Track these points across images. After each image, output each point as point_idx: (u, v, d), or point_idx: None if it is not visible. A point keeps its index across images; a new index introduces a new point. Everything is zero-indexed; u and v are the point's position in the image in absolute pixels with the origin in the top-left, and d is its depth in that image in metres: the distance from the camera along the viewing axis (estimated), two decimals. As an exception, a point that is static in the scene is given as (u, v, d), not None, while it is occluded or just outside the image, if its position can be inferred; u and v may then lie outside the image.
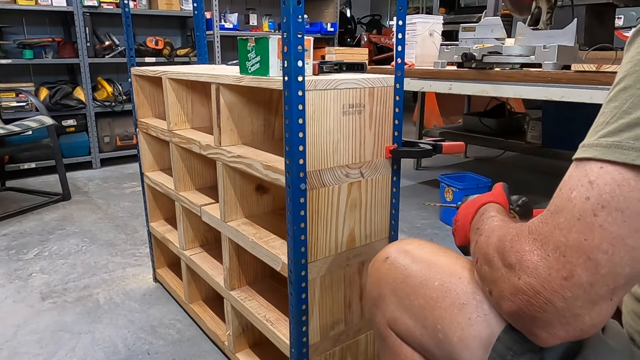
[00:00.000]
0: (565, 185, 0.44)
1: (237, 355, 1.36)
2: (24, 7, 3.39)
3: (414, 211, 2.75)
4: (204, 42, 1.87)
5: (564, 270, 0.43)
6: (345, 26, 5.66)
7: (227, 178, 1.22)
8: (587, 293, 0.43)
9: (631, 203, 0.40)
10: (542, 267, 0.44)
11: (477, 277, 0.59)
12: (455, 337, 0.62)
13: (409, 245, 0.76)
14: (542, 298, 0.45)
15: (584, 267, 0.42)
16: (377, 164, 1.09)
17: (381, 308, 0.74)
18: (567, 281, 0.43)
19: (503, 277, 0.49)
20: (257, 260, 1.31)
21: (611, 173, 0.41)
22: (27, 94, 3.37)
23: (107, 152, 3.86)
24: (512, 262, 0.47)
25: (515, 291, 0.47)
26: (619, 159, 0.41)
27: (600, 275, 0.42)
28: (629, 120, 0.41)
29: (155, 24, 4.29)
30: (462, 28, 2.25)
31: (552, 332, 0.46)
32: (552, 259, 0.43)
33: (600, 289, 0.42)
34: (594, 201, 0.41)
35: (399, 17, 1.06)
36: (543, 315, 0.45)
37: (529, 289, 0.46)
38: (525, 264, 0.46)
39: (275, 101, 1.29)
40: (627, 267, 0.41)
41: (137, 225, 2.55)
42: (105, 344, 1.52)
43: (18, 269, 2.05)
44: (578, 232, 0.42)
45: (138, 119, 1.74)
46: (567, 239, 0.42)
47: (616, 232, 0.40)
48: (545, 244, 0.44)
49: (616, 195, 0.40)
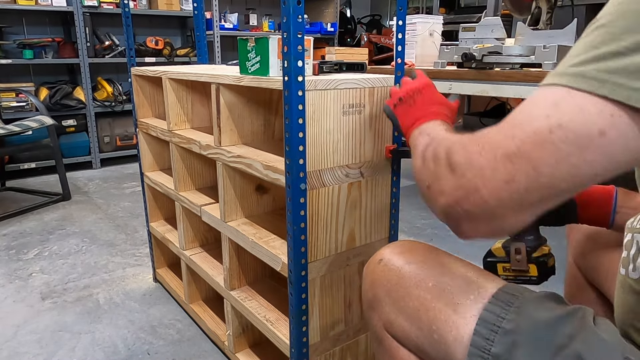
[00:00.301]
0: (528, 103, 0.47)
1: (237, 355, 1.36)
2: (24, 7, 3.39)
3: (414, 211, 2.75)
4: (204, 42, 1.87)
5: (508, 175, 0.47)
6: (345, 26, 5.65)
7: (227, 178, 1.22)
8: (520, 198, 0.47)
9: (585, 127, 0.43)
10: (488, 169, 0.48)
11: (417, 171, 0.61)
12: (450, 336, 0.63)
13: (403, 246, 0.76)
14: (479, 196, 0.49)
15: (526, 175, 0.46)
16: (377, 164, 1.09)
17: (377, 310, 0.74)
18: (507, 184, 0.47)
19: (447, 174, 0.52)
20: (257, 260, 1.31)
21: (575, 98, 0.44)
22: (27, 94, 3.37)
23: (107, 152, 3.86)
24: (460, 161, 0.51)
25: (457, 187, 0.51)
26: (585, 88, 0.44)
27: (538, 184, 0.46)
28: (596, 53, 0.44)
29: (155, 24, 4.29)
30: (462, 28, 2.25)
31: (475, 227, 0.51)
32: (500, 164, 0.47)
33: (533, 197, 0.47)
34: (553, 121, 0.45)
35: (399, 17, 1.06)
36: (474, 210, 0.50)
37: (470, 186, 0.49)
38: (473, 164, 0.49)
39: (275, 101, 1.29)
40: (564, 182, 0.46)
41: (137, 225, 2.55)
42: (105, 344, 1.52)
43: (18, 269, 2.05)
44: (531, 144, 0.45)
45: (138, 119, 1.74)
46: (519, 149, 0.46)
47: (565, 150, 0.44)
48: (496, 149, 0.48)
49: (575, 119, 0.44)
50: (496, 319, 0.60)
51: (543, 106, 0.46)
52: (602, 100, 0.43)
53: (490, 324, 0.60)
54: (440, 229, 2.49)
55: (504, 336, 0.58)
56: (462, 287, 0.65)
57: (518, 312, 0.59)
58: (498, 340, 0.59)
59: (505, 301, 0.61)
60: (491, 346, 0.59)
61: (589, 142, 0.43)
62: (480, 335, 0.60)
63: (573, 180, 0.45)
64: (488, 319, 0.60)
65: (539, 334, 0.57)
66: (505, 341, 0.58)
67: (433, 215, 0.57)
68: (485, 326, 0.60)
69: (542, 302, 0.61)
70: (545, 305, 0.60)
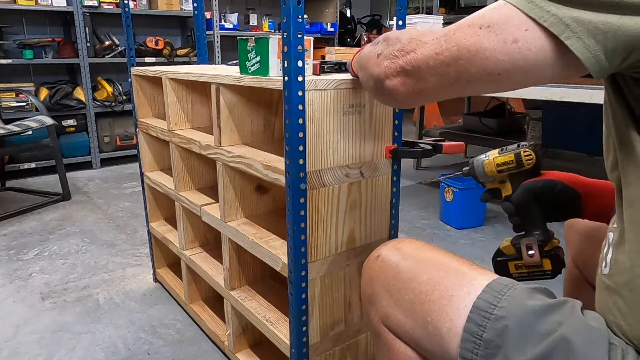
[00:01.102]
0: (485, 8, 0.58)
1: (237, 355, 1.36)
2: (24, 7, 3.39)
3: (414, 211, 2.75)
4: (204, 42, 1.87)
5: (439, 48, 0.59)
6: (345, 26, 5.65)
7: (227, 178, 1.22)
8: (442, 71, 0.59)
9: (505, 32, 0.54)
10: (426, 41, 0.61)
11: (368, 50, 0.73)
12: (444, 327, 0.64)
13: (401, 243, 0.78)
14: (414, 56, 0.62)
15: (450, 52, 0.58)
16: (377, 164, 1.09)
17: (374, 305, 0.76)
18: (436, 55, 0.60)
19: (401, 47, 0.64)
20: (257, 260, 1.31)
21: (508, 9, 0.54)
22: (27, 94, 3.37)
23: (107, 152, 3.86)
24: (407, 36, 0.64)
25: (400, 48, 0.64)
26: (516, 3, 0.54)
27: (457, 64, 0.58)
28: None
29: (155, 24, 4.29)
30: (462, 28, 2.24)
31: (404, 82, 0.64)
32: (436, 40, 0.60)
33: (451, 72, 0.59)
34: (485, 20, 0.56)
35: (399, 17, 1.06)
36: (407, 67, 0.63)
37: (409, 48, 0.63)
38: (419, 37, 0.62)
39: (275, 101, 1.29)
40: (474, 68, 0.57)
41: (137, 225, 2.55)
42: (105, 344, 1.52)
43: (18, 269, 2.05)
44: (462, 31, 0.57)
45: (138, 119, 1.74)
46: (454, 32, 0.58)
47: (484, 44, 0.55)
48: (441, 33, 0.60)
49: (502, 23, 0.54)
50: (489, 306, 0.61)
51: (487, 9, 0.57)
52: (523, 16, 0.53)
53: (483, 311, 0.61)
54: (440, 229, 2.49)
55: (495, 322, 0.60)
56: (456, 280, 0.67)
57: (510, 300, 0.61)
58: (490, 326, 0.60)
59: (498, 290, 0.63)
60: (483, 332, 0.60)
61: (503, 44, 0.54)
62: (473, 322, 0.61)
63: (483, 69, 0.56)
64: (481, 306, 0.62)
65: (528, 319, 0.59)
66: (496, 327, 0.60)
67: (433, 215, 0.59)
68: (478, 313, 0.62)
69: (533, 292, 0.62)
70: (536, 295, 0.62)
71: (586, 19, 0.50)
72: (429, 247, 0.76)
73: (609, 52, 0.51)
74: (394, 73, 0.65)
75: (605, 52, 0.51)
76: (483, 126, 3.28)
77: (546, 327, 0.57)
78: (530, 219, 0.86)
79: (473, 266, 0.70)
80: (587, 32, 0.51)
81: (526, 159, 0.86)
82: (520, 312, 0.59)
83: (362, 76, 0.78)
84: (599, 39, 0.50)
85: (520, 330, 0.58)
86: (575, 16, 0.51)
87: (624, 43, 0.50)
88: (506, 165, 0.87)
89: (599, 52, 0.51)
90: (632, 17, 0.49)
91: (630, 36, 0.49)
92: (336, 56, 3.24)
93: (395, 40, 0.66)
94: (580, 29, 0.51)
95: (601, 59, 0.51)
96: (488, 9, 0.57)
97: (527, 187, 0.86)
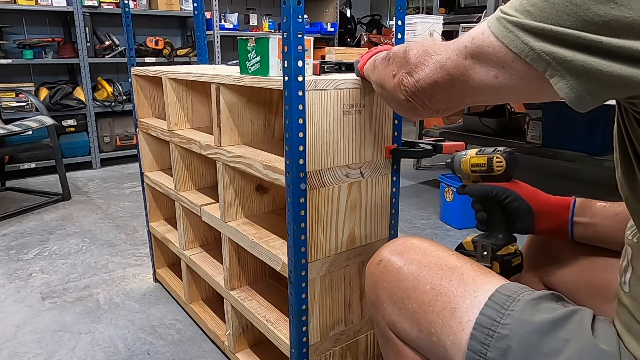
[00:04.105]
0: (474, 28, 0.59)
1: (237, 355, 1.36)
2: (24, 7, 3.39)
3: (414, 211, 2.75)
4: (204, 42, 1.87)
5: (437, 77, 0.62)
6: (345, 26, 5.65)
7: (227, 178, 1.22)
8: (443, 93, 0.63)
9: (489, 61, 0.55)
10: (431, 71, 0.63)
11: (382, 67, 0.77)
12: (448, 341, 0.63)
13: (402, 246, 0.77)
14: (423, 88, 0.65)
15: (447, 79, 0.61)
16: (377, 164, 1.09)
17: (380, 311, 0.75)
18: (436, 82, 0.62)
19: (409, 70, 0.67)
20: (257, 260, 1.31)
21: (490, 39, 0.54)
22: (27, 94, 3.37)
23: (107, 152, 3.86)
24: (419, 58, 0.65)
25: (413, 81, 0.66)
26: (496, 32, 0.53)
27: (455, 88, 0.61)
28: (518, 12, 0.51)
29: (155, 24, 4.29)
30: (462, 28, 2.25)
31: (422, 104, 0.67)
32: (437, 69, 0.62)
33: (452, 93, 0.62)
34: (472, 49, 0.57)
35: (399, 17, 1.06)
36: (420, 95, 0.66)
37: (421, 83, 0.65)
38: (425, 62, 0.64)
39: (275, 101, 1.29)
40: (470, 92, 0.59)
41: (137, 225, 2.55)
42: (105, 344, 1.52)
43: (18, 269, 2.05)
44: (452, 61, 0.60)
45: (138, 119, 1.74)
46: (447, 62, 0.60)
47: (471, 75, 0.57)
48: (439, 57, 0.62)
49: (486, 54, 0.55)
50: (492, 323, 0.60)
51: (475, 34, 0.57)
52: (505, 48, 0.52)
53: (486, 329, 0.60)
54: (440, 229, 2.49)
55: (499, 341, 0.59)
56: (459, 290, 0.65)
57: (513, 316, 0.60)
58: (493, 345, 0.59)
59: (501, 304, 0.61)
60: (487, 351, 0.59)
61: (487, 76, 0.56)
62: (477, 339, 0.60)
63: (479, 92, 0.59)
64: (484, 323, 0.61)
65: (532, 339, 0.57)
66: (499, 346, 0.59)
67: (433, 215, 0.59)
68: (482, 331, 0.60)
69: (539, 303, 0.61)
70: (542, 306, 0.60)
71: (563, 56, 0.47)
72: (431, 249, 0.75)
73: (594, 93, 0.48)
74: (411, 96, 0.67)
75: (590, 93, 0.48)
76: (483, 126, 3.28)
77: (551, 347, 0.56)
78: (492, 222, 0.89)
79: (477, 271, 0.69)
80: (568, 72, 0.48)
81: (497, 165, 0.88)
82: (524, 332, 0.58)
83: (381, 93, 0.81)
84: (582, 80, 0.47)
85: (524, 352, 0.57)
86: (551, 51, 0.48)
87: (611, 86, 0.46)
88: (479, 167, 0.90)
89: (584, 92, 0.48)
90: (613, 63, 0.45)
91: (614, 82, 0.46)
92: (336, 56, 3.24)
93: (403, 61, 0.68)
94: (560, 67, 0.48)
95: (587, 99, 0.48)
96: (477, 34, 0.56)
97: (481, 188, 0.88)
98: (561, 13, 0.47)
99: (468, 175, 0.93)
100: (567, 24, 0.47)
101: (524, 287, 0.64)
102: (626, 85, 0.45)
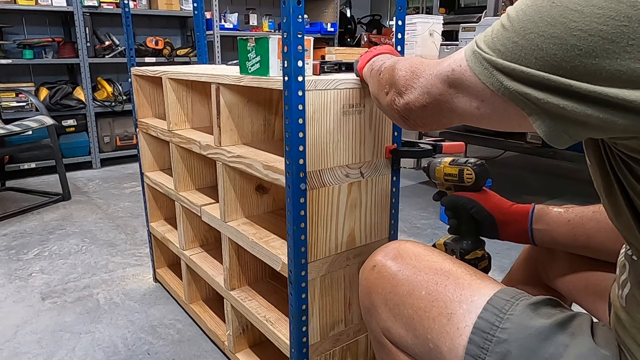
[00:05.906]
0: (455, 55, 0.59)
1: (237, 355, 1.36)
2: (24, 7, 3.39)
3: (414, 211, 2.75)
4: (204, 42, 1.87)
5: (425, 102, 0.63)
6: (345, 26, 5.65)
7: (227, 178, 1.22)
8: (431, 115, 0.64)
9: (470, 93, 0.55)
10: (419, 95, 0.64)
11: (376, 81, 0.78)
12: (445, 347, 0.63)
13: (396, 250, 0.76)
14: (413, 111, 0.66)
15: (434, 105, 0.62)
16: (377, 164, 1.09)
17: (374, 317, 0.75)
18: (424, 107, 0.63)
19: (399, 90, 0.68)
20: (257, 260, 1.31)
21: (468, 72, 0.54)
22: (27, 94, 3.37)
23: (107, 152, 3.86)
24: (408, 78, 0.66)
25: (403, 103, 0.67)
26: (474, 68, 0.53)
27: (443, 112, 0.62)
28: (492, 46, 0.51)
29: (155, 24, 4.29)
30: (462, 28, 2.25)
31: (415, 123, 0.69)
32: (424, 94, 0.63)
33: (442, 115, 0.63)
34: (453, 78, 0.57)
35: (399, 17, 1.06)
36: (411, 116, 0.67)
37: (410, 106, 0.66)
38: (413, 84, 0.65)
39: (275, 101, 1.29)
40: (457, 116, 0.60)
41: (137, 225, 2.55)
42: (105, 344, 1.52)
43: (18, 269, 2.05)
44: (437, 88, 0.60)
45: (138, 119, 1.74)
46: (432, 89, 0.61)
47: (454, 104, 0.58)
48: (425, 81, 0.63)
49: (466, 87, 0.55)
50: (490, 327, 0.60)
51: (454, 61, 0.57)
52: (482, 84, 0.52)
53: (485, 333, 0.60)
54: (440, 229, 2.48)
55: (498, 345, 0.58)
56: (455, 295, 0.65)
57: (512, 320, 0.59)
58: (492, 349, 0.58)
59: (500, 308, 0.61)
60: (486, 355, 0.59)
61: (469, 106, 0.56)
62: (475, 344, 0.60)
63: (465, 118, 0.59)
64: (483, 327, 0.60)
65: (532, 344, 0.57)
66: (499, 350, 0.58)
67: (433, 215, 0.58)
68: (480, 335, 0.60)
69: (537, 308, 0.60)
70: (541, 311, 0.60)
71: (537, 97, 0.47)
72: (425, 254, 0.74)
73: (571, 133, 0.47)
74: (404, 116, 0.68)
75: (567, 133, 0.47)
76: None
77: (551, 352, 0.55)
78: (462, 228, 0.94)
79: (473, 275, 0.68)
80: (544, 113, 0.47)
81: (467, 176, 0.93)
82: (523, 336, 0.57)
83: (377, 105, 0.83)
84: (558, 121, 0.47)
85: (523, 357, 0.57)
86: (525, 92, 0.47)
87: (589, 127, 0.45)
88: (450, 177, 0.96)
89: (561, 132, 0.47)
90: (586, 107, 0.44)
91: (591, 125, 0.45)
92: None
93: (393, 80, 0.69)
94: (536, 107, 0.47)
95: (564, 138, 0.48)
96: (456, 65, 0.56)
97: (450, 199, 0.95)
98: (529, 56, 0.46)
99: (442, 183, 0.98)
100: (536, 66, 0.46)
101: (521, 292, 0.64)
102: (603, 129, 0.45)
